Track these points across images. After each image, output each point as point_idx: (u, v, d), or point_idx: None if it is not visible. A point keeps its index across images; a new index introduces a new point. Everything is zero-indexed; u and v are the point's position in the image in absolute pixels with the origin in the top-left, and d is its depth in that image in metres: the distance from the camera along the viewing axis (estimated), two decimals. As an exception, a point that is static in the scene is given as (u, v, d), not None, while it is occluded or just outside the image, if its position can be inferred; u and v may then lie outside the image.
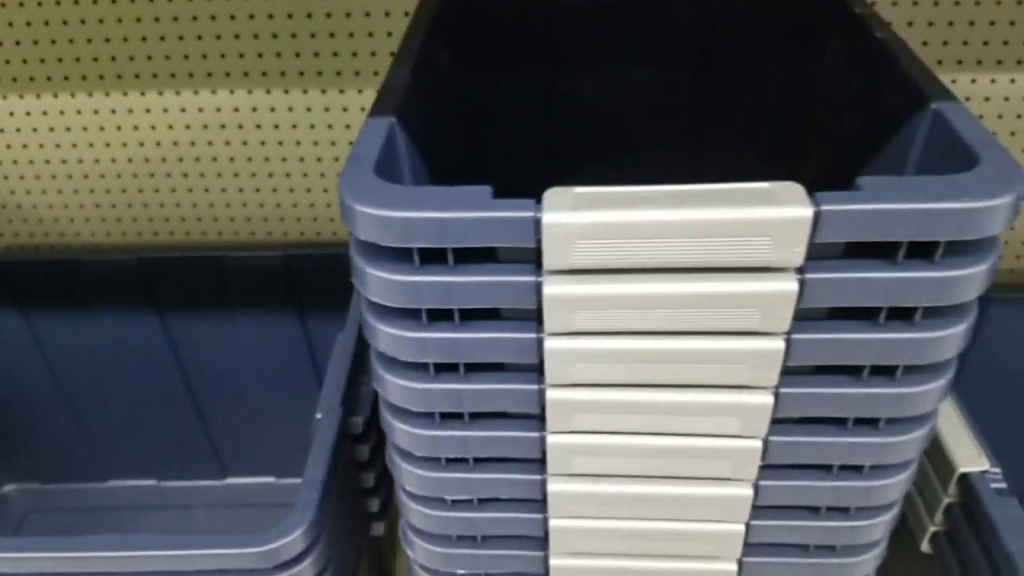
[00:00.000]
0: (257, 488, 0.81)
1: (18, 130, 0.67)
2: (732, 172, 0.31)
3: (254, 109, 0.65)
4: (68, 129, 0.67)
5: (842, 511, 0.37)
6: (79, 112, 0.66)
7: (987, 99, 0.59)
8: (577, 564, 0.40)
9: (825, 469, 0.36)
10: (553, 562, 0.40)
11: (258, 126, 0.66)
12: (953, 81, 0.59)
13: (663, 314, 0.30)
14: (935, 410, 0.34)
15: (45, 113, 0.66)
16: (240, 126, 0.66)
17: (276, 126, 0.65)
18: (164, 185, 0.70)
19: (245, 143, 0.67)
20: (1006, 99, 0.59)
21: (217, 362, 0.72)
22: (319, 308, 0.68)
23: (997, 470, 0.48)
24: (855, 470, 0.35)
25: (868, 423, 0.34)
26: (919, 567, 0.53)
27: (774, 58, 0.50)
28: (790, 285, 0.28)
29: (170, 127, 0.67)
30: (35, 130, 0.67)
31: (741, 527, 0.37)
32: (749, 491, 0.36)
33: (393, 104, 0.35)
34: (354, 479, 0.53)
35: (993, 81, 0.59)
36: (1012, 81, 0.58)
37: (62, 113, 0.66)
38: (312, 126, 0.65)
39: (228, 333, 0.70)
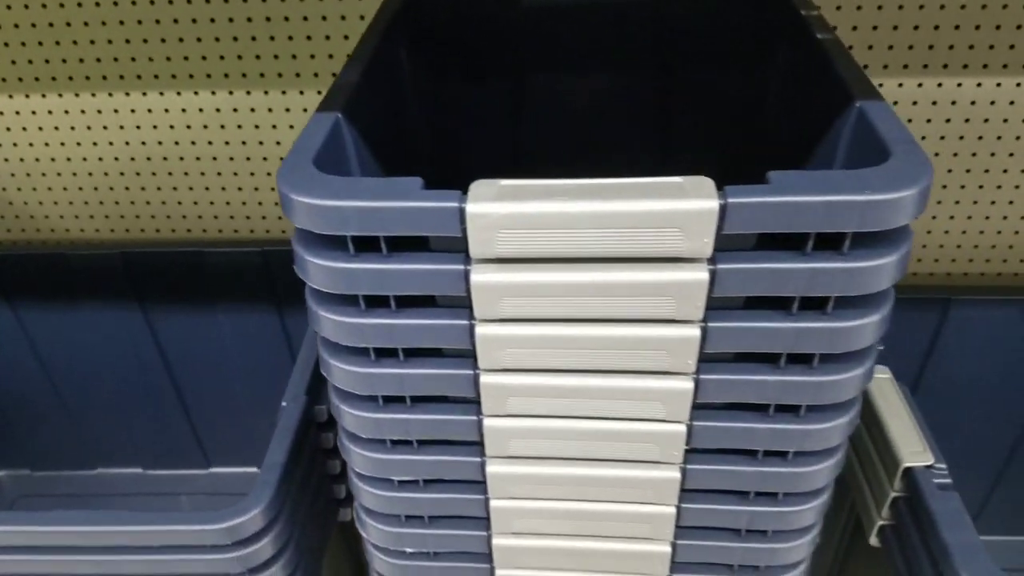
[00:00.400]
0: (240, 477, 0.82)
1: (8, 129, 0.68)
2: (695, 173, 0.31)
3: (235, 110, 0.66)
4: (57, 128, 0.68)
5: (770, 496, 0.38)
6: (67, 112, 0.68)
7: (935, 103, 0.60)
8: (519, 544, 0.41)
9: (750, 454, 0.36)
10: (496, 542, 0.41)
11: (239, 127, 0.67)
12: (900, 84, 0.60)
13: (584, 302, 0.31)
14: (856, 398, 0.35)
15: (34, 113, 0.68)
16: (222, 127, 0.67)
17: (256, 127, 0.67)
18: (149, 183, 0.71)
19: (227, 143, 0.68)
20: (953, 103, 0.60)
21: (199, 354, 0.73)
22: (296, 302, 0.69)
23: (943, 466, 0.49)
24: (780, 456, 0.36)
25: (789, 410, 0.34)
26: (876, 563, 0.54)
27: (728, 62, 0.51)
28: (701, 275, 0.29)
29: (154, 127, 0.68)
30: (25, 129, 0.68)
31: (672, 509, 0.38)
32: (677, 474, 0.37)
33: (340, 101, 0.36)
34: (321, 466, 0.54)
35: (940, 85, 0.60)
36: (959, 85, 0.59)
37: (50, 113, 0.68)
38: (291, 127, 0.67)
39: (209, 327, 0.71)
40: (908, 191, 0.28)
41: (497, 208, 0.28)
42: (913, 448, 0.49)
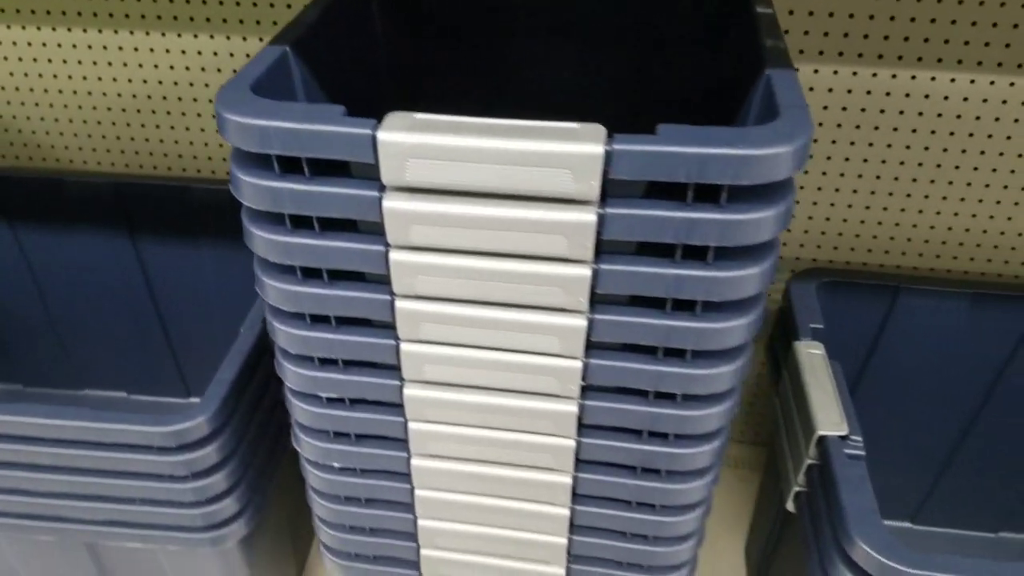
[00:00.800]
0: (218, 409, 0.85)
1: (20, 59, 0.72)
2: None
3: (231, 55, 0.69)
4: (65, 62, 0.71)
5: (662, 436, 0.40)
6: (74, 47, 0.71)
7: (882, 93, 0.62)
8: (435, 466, 0.44)
9: (642, 395, 0.39)
10: (415, 463, 0.44)
11: (234, 71, 0.70)
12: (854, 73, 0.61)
13: (485, 235, 0.33)
14: (742, 348, 0.37)
15: (44, 45, 0.71)
16: (218, 70, 0.70)
17: (250, 72, 0.69)
18: (148, 120, 0.74)
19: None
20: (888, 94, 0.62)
21: (183, 286, 0.76)
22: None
23: (858, 438, 0.51)
24: (669, 398, 0.39)
25: (676, 354, 0.37)
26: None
27: (686, 38, 0.53)
28: (589, 217, 0.32)
29: (155, 66, 0.71)
30: (35, 60, 0.72)
31: (572, 442, 0.41)
32: (575, 408, 0.39)
33: (290, 37, 0.38)
34: (275, 391, 0.57)
35: (894, 76, 0.61)
36: (913, 78, 0.61)
37: (59, 46, 0.71)
38: (283, 75, 0.69)
39: (194, 260, 0.74)
40: (780, 148, 0.30)
41: (406, 138, 0.31)
42: (830, 418, 0.51)
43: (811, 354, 0.56)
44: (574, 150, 0.30)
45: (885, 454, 0.73)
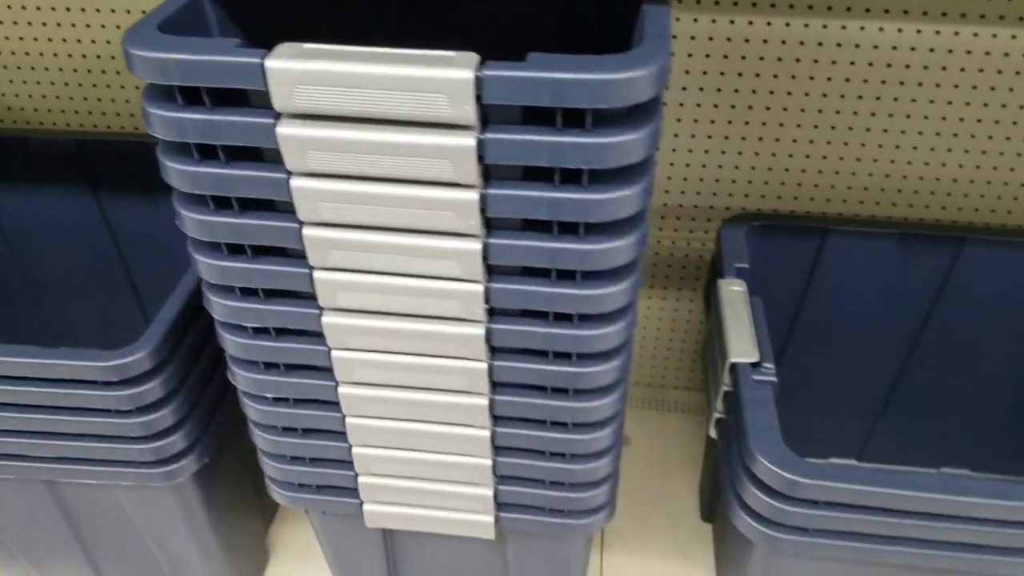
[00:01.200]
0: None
1: (-17, 21, 0.73)
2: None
3: (184, 14, 0.70)
4: (29, 24, 0.73)
5: (565, 356, 0.42)
6: (38, 8, 0.72)
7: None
8: (361, 393, 0.46)
9: (542, 317, 0.41)
10: (341, 391, 0.46)
11: (188, 30, 0.71)
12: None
13: (377, 160, 0.35)
14: (628, 267, 0.39)
15: (9, 7, 0.72)
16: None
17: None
18: (111, 79, 0.76)
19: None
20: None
21: (148, 240, 0.78)
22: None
23: (770, 365, 0.53)
24: (567, 319, 0.41)
25: (567, 276, 0.39)
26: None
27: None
28: (469, 141, 0.33)
29: (117, 27, 0.72)
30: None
31: (483, 365, 0.43)
32: (481, 331, 0.41)
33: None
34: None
35: (824, 27, 0.62)
36: (862, 28, 0.62)
37: (23, 8, 0.72)
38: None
39: (157, 212, 0.76)
40: (634, 72, 0.31)
41: (292, 65, 0.33)
42: (742, 347, 0.53)
43: (732, 291, 0.57)
44: (446, 75, 0.32)
45: (828, 394, 0.75)
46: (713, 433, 0.57)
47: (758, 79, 0.65)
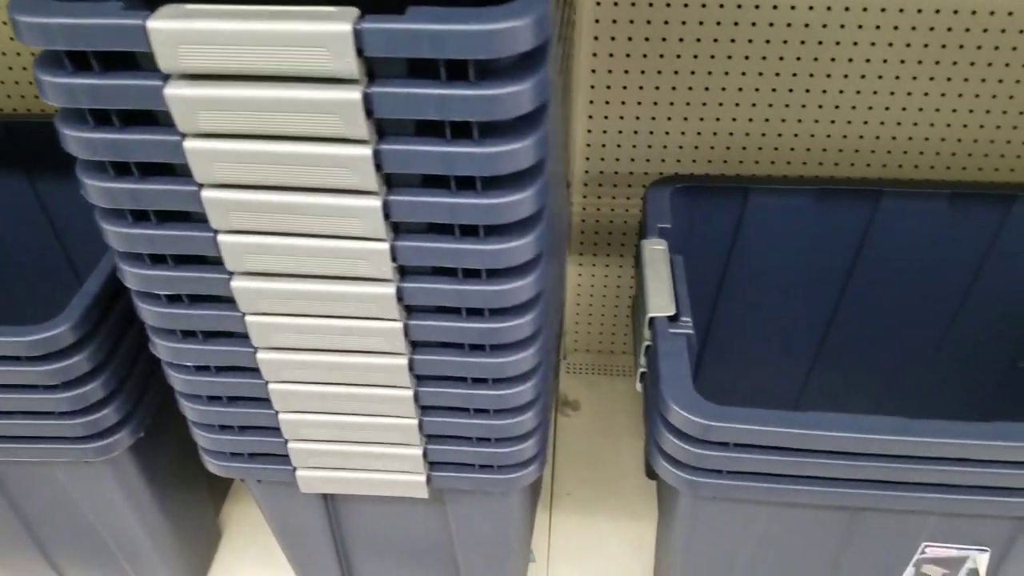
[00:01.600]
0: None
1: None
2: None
3: None
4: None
5: (478, 312, 0.43)
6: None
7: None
8: (280, 358, 0.46)
9: (451, 274, 0.41)
10: (260, 356, 0.46)
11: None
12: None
13: (267, 118, 0.35)
14: (530, 219, 0.39)
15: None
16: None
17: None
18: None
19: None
20: None
21: (85, 222, 0.77)
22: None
23: (687, 319, 0.54)
24: (475, 275, 0.41)
25: (471, 232, 0.39)
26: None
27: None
28: (354, 95, 0.33)
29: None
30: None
31: (399, 324, 0.43)
32: (392, 290, 0.41)
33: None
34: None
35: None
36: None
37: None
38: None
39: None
40: (510, 22, 0.31)
41: (173, 25, 0.32)
42: (660, 302, 0.54)
43: (653, 249, 0.58)
44: (325, 29, 0.32)
45: (762, 348, 0.76)
46: (639, 387, 0.58)
47: (681, 43, 0.66)
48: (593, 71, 0.69)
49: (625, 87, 0.70)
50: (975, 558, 0.54)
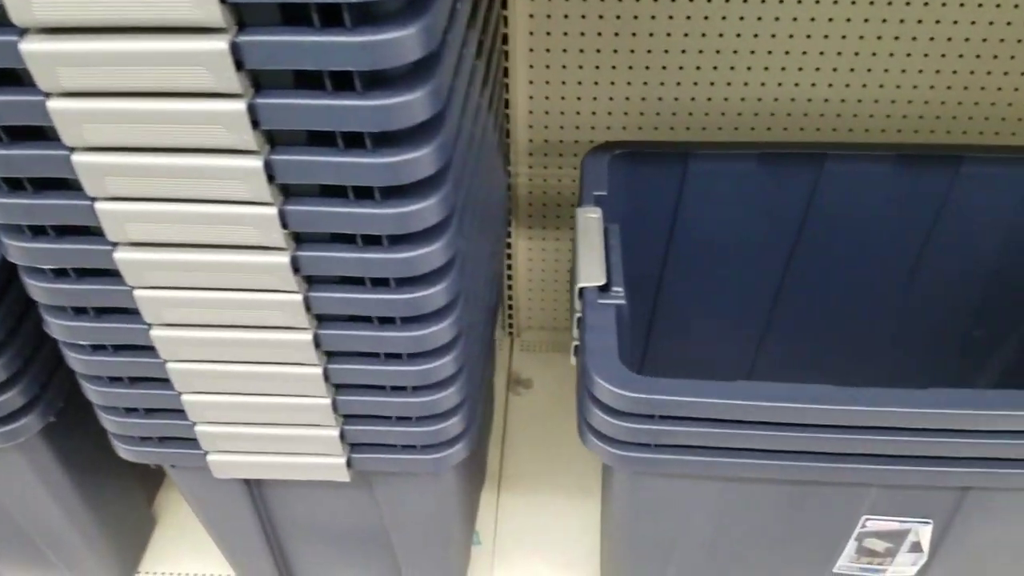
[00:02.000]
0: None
1: None
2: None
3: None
4: None
5: (383, 283, 0.41)
6: None
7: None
8: (176, 335, 0.43)
9: (350, 240, 0.39)
10: (154, 333, 0.44)
11: None
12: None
13: (130, 72, 0.32)
14: (433, 177, 0.37)
15: None
16: None
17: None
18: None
19: None
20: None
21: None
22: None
23: (619, 289, 0.52)
24: (376, 242, 0.39)
25: (366, 195, 0.37)
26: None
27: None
28: (221, 44, 0.31)
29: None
30: None
31: (298, 296, 0.41)
32: (286, 259, 0.39)
33: None
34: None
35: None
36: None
37: None
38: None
39: None
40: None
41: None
42: (591, 272, 0.52)
43: (587, 218, 0.56)
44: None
45: (712, 317, 0.75)
46: (574, 362, 0.57)
47: (620, 4, 0.64)
48: (531, 33, 0.67)
49: (565, 50, 0.67)
50: (917, 530, 0.53)
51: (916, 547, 0.54)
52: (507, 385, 0.90)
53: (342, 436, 0.49)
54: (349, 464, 0.51)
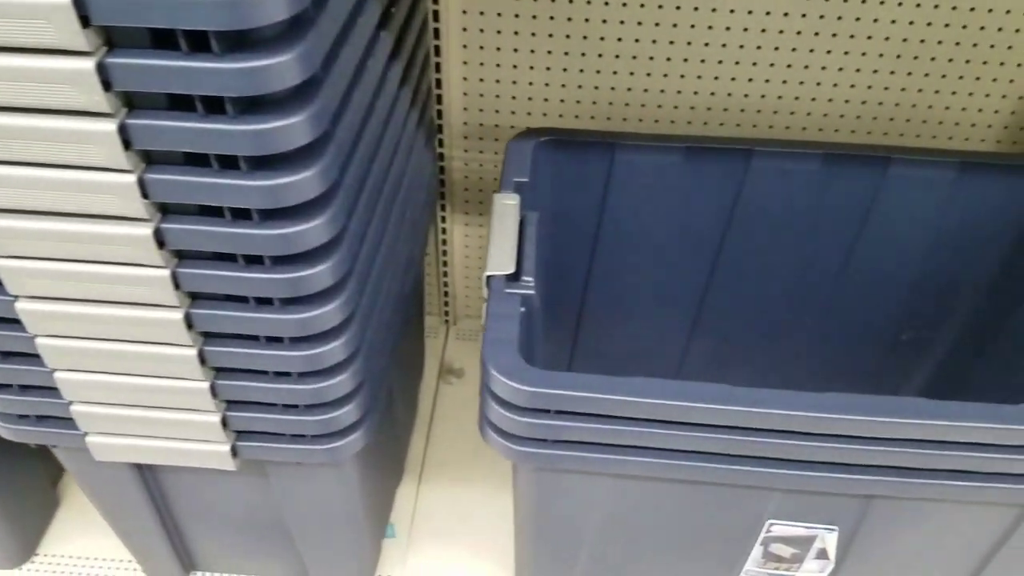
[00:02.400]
0: None
1: None
2: None
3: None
4: None
5: (257, 260, 0.38)
6: None
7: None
8: (41, 309, 0.40)
9: (217, 214, 0.37)
10: (19, 306, 0.41)
11: None
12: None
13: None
14: (308, 147, 0.34)
15: None
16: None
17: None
18: None
19: None
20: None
21: None
22: None
23: (529, 279, 0.50)
24: (246, 215, 0.37)
25: (230, 164, 0.34)
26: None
27: None
28: (87, 65, 0.29)
29: None
30: None
31: (164, 272, 0.39)
32: (149, 230, 0.37)
33: None
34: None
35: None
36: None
37: None
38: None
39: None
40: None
41: None
42: (500, 260, 0.50)
43: (504, 204, 0.54)
44: None
45: (640, 312, 0.73)
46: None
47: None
48: (464, 12, 0.64)
49: (500, 31, 0.65)
50: (823, 537, 0.52)
51: (823, 554, 0.53)
52: (438, 374, 0.88)
53: (224, 422, 0.46)
54: (235, 452, 0.48)
